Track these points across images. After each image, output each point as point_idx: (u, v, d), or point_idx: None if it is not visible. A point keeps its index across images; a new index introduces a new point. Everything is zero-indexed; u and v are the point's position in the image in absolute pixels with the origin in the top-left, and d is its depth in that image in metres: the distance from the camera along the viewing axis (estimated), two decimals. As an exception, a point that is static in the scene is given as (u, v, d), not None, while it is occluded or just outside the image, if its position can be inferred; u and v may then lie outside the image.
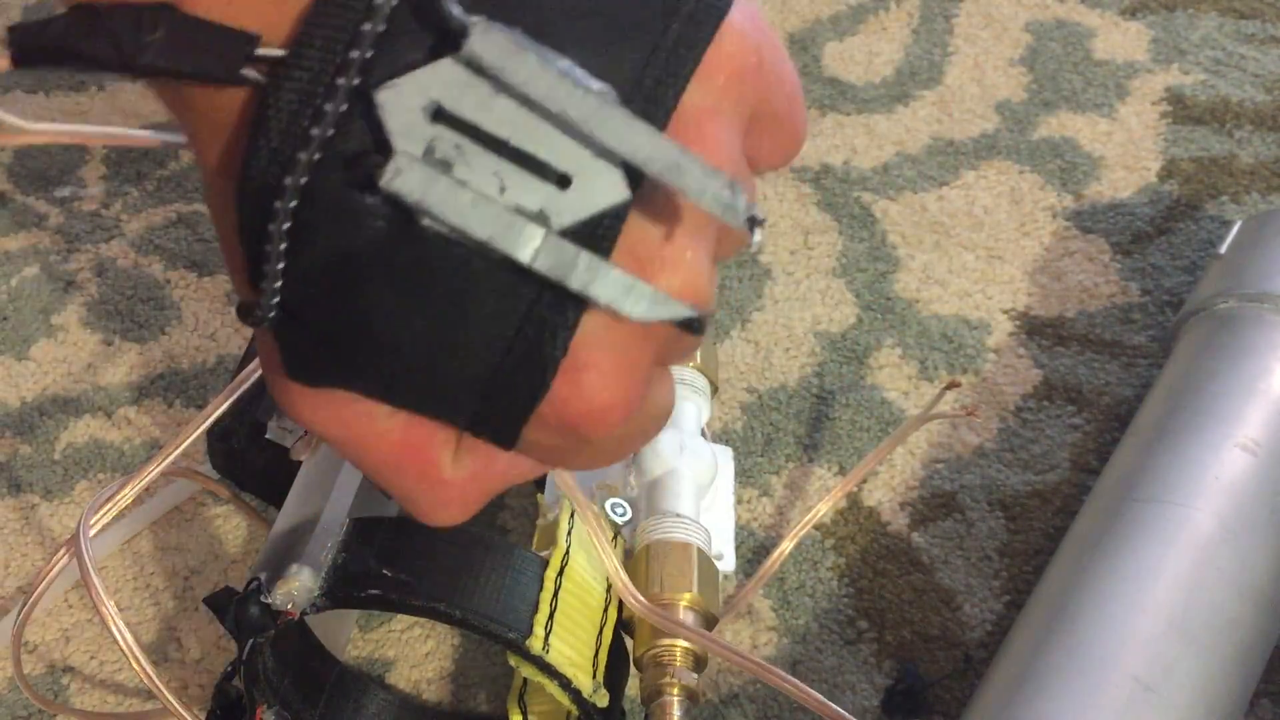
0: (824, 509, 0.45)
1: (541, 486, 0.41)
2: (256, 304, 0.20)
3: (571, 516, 0.38)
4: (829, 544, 0.48)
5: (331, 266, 0.19)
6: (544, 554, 0.36)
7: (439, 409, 0.21)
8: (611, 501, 0.41)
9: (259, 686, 0.36)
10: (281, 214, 0.19)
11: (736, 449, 0.50)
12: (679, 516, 0.39)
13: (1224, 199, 0.60)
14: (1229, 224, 0.52)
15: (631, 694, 0.40)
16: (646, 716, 0.36)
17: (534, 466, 0.23)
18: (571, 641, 0.35)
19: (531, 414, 0.21)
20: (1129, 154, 0.63)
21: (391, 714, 0.42)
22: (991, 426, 0.51)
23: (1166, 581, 0.38)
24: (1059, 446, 0.50)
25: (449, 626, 0.44)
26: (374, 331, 0.20)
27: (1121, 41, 0.69)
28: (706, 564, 0.39)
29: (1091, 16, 0.71)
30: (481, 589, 0.34)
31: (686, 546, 0.38)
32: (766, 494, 0.50)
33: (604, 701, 0.35)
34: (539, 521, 0.39)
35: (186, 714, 0.36)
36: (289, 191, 0.19)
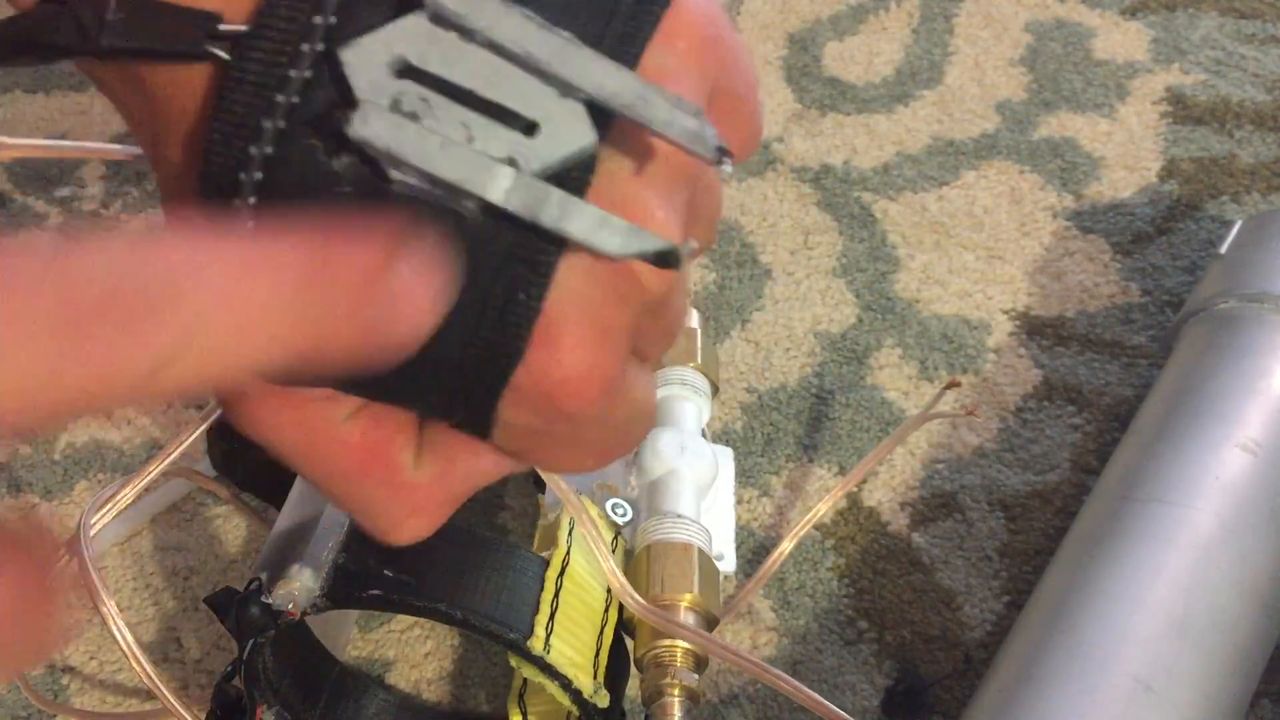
0: (824, 509, 0.45)
1: (542, 488, 0.41)
2: None
3: (572, 518, 0.38)
4: (829, 544, 0.48)
5: None
6: (545, 554, 0.36)
7: (410, 393, 0.21)
8: (612, 502, 0.41)
9: (259, 686, 0.36)
10: (247, 186, 0.18)
11: (736, 449, 0.50)
12: (680, 517, 0.39)
13: (1224, 199, 0.60)
14: (1229, 224, 0.52)
15: (632, 694, 0.40)
16: (647, 717, 0.36)
17: (500, 461, 0.23)
18: (572, 642, 0.35)
19: (506, 384, 0.20)
20: (1129, 154, 0.63)
21: (391, 714, 0.42)
22: (991, 426, 0.51)
23: (1167, 581, 0.38)
24: (1059, 447, 0.50)
25: (449, 627, 0.44)
26: None
27: (1122, 41, 0.69)
28: (707, 565, 0.39)
29: (1092, 16, 0.71)
30: (482, 589, 0.34)
31: (687, 547, 0.38)
32: (766, 494, 0.50)
33: (605, 702, 0.35)
34: (540, 522, 0.39)
35: (186, 714, 0.36)
36: (254, 162, 0.18)
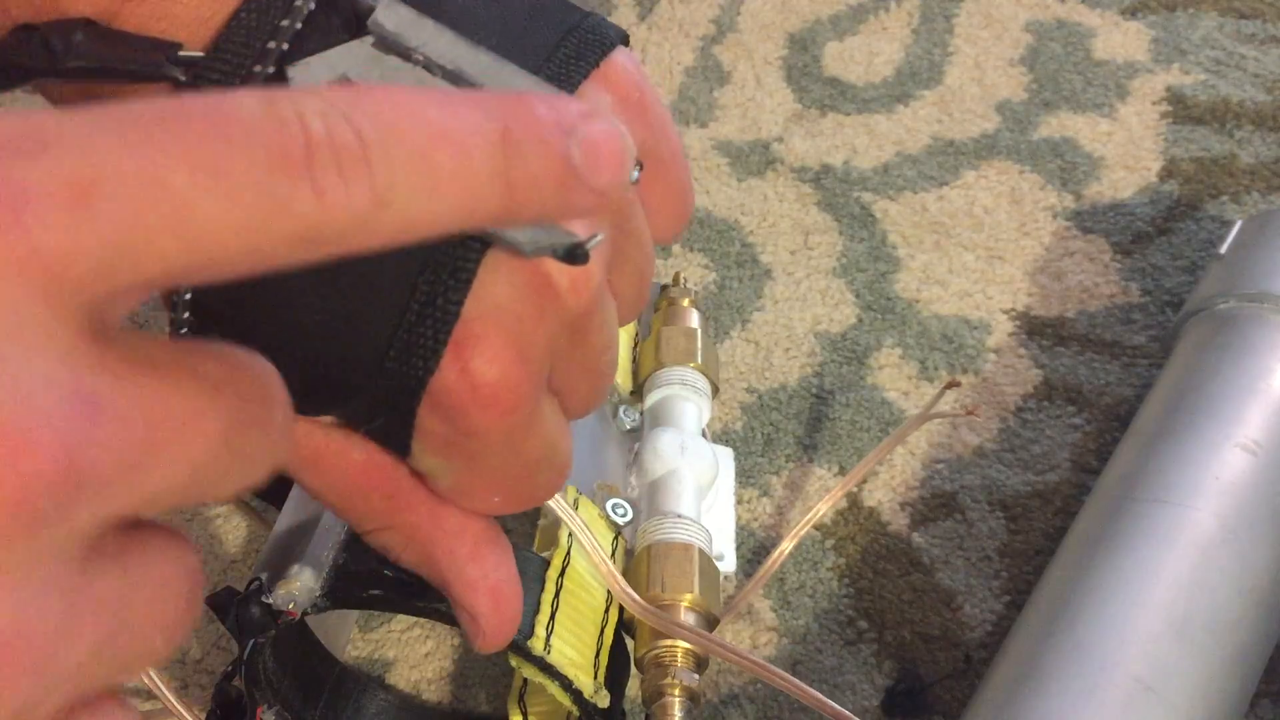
0: (824, 509, 0.45)
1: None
2: (171, 316, 0.21)
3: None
4: (829, 544, 0.48)
5: None
6: (545, 555, 0.36)
7: (338, 398, 0.21)
8: (612, 502, 0.41)
9: (259, 686, 0.36)
10: None
11: (736, 449, 0.50)
12: (680, 517, 0.39)
13: (1224, 199, 0.60)
14: (1229, 224, 0.52)
15: (632, 694, 0.40)
16: (647, 717, 0.36)
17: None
18: (573, 642, 0.35)
19: (424, 389, 0.20)
20: (1129, 154, 0.63)
21: (391, 714, 0.42)
22: (991, 426, 0.51)
23: (1167, 581, 0.38)
24: (1059, 446, 0.50)
25: (449, 627, 0.44)
26: (280, 315, 0.20)
27: (1122, 41, 0.69)
28: (708, 565, 0.39)
29: (1092, 16, 0.71)
30: (482, 589, 0.34)
31: (688, 547, 0.38)
32: (766, 494, 0.50)
33: (605, 702, 0.35)
34: (540, 522, 0.39)
35: (187, 714, 0.36)
36: None
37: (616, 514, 0.41)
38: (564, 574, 0.36)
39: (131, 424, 0.13)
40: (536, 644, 0.34)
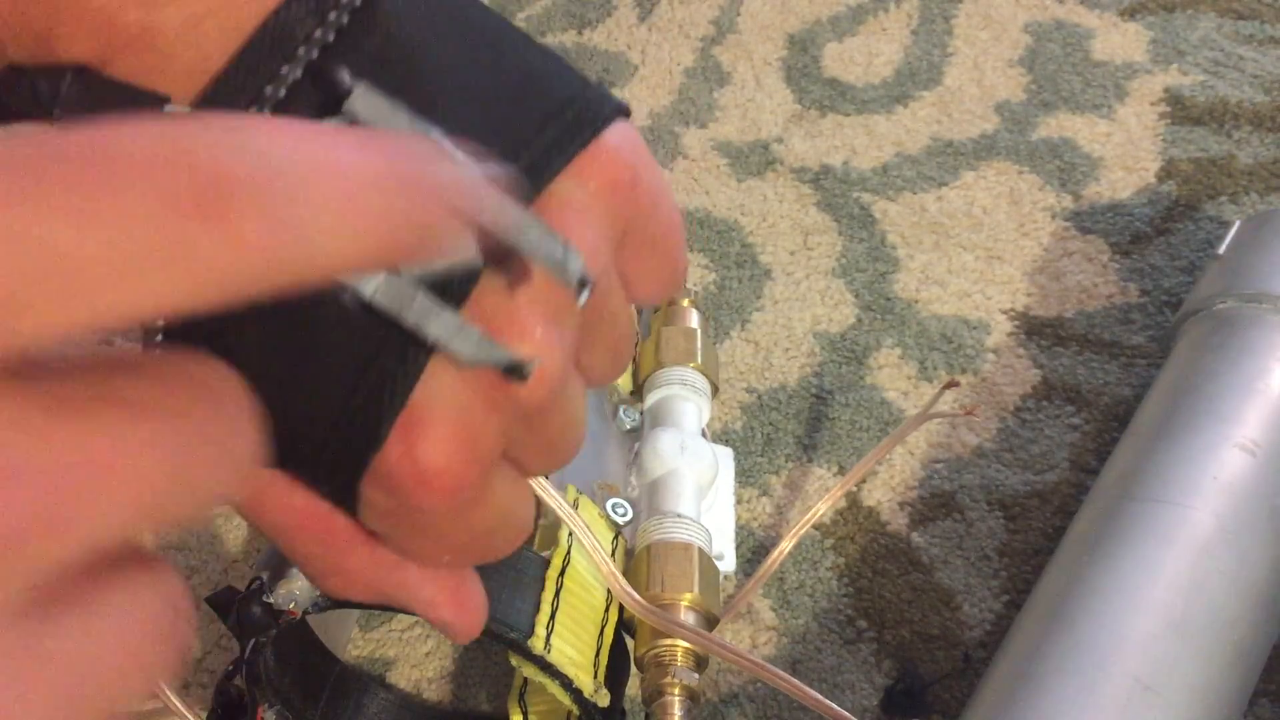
0: (823, 509, 0.45)
1: (542, 486, 0.41)
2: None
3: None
4: (828, 544, 0.48)
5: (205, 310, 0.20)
6: (545, 554, 0.36)
7: (289, 460, 0.21)
8: (613, 502, 0.41)
9: (260, 686, 0.36)
10: None
11: (736, 449, 0.50)
12: (680, 517, 0.40)
13: (1223, 199, 0.60)
14: (1227, 224, 0.52)
15: (632, 693, 0.40)
16: (647, 716, 0.37)
17: (432, 602, 0.24)
18: (573, 641, 0.35)
19: (366, 468, 0.21)
20: (1128, 154, 0.63)
21: (392, 713, 0.42)
22: (990, 426, 0.51)
23: (1165, 581, 0.38)
24: (1058, 446, 0.50)
25: (449, 626, 0.44)
26: (239, 363, 0.20)
27: (1120, 42, 0.70)
28: (708, 564, 0.39)
29: (1090, 17, 0.71)
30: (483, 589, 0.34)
31: (688, 547, 0.38)
32: (766, 494, 0.50)
33: (605, 701, 0.35)
34: (540, 522, 0.39)
35: (188, 713, 0.36)
36: None
37: (616, 514, 0.41)
38: (564, 573, 0.36)
39: (50, 478, 0.12)
40: (536, 643, 0.34)
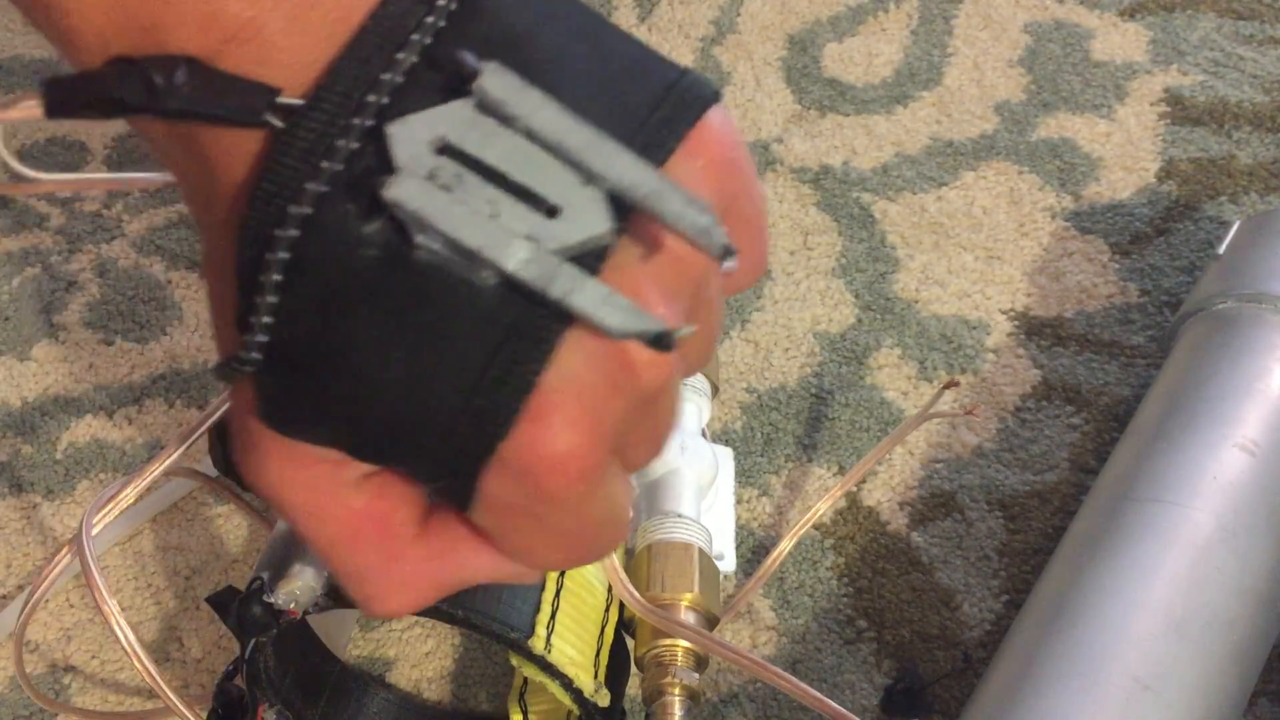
0: (823, 508, 0.45)
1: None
2: (237, 353, 0.20)
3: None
4: (828, 544, 0.48)
5: (322, 297, 0.20)
6: (545, 554, 0.36)
7: (405, 453, 0.21)
8: (612, 501, 0.41)
9: (260, 686, 0.36)
10: (281, 242, 0.19)
11: (736, 449, 0.50)
12: (680, 517, 0.40)
13: (1222, 199, 0.60)
14: (1227, 224, 0.52)
15: (633, 693, 0.40)
16: (648, 716, 0.37)
17: (498, 563, 0.24)
18: (573, 641, 0.35)
19: (493, 453, 0.21)
20: (1128, 155, 0.63)
21: (392, 713, 0.42)
22: (990, 426, 0.51)
23: (1165, 581, 0.38)
24: (1058, 446, 0.50)
25: (450, 626, 0.44)
26: (354, 365, 0.20)
27: (1120, 42, 0.70)
28: (708, 564, 0.39)
29: (1090, 18, 0.71)
30: (483, 588, 0.34)
31: (688, 547, 0.39)
32: (766, 494, 0.50)
33: (605, 701, 0.35)
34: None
35: (188, 713, 0.36)
36: (291, 219, 0.19)
37: (617, 513, 0.41)
38: (564, 573, 0.36)
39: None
40: (537, 643, 0.34)
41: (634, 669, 0.38)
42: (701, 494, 0.42)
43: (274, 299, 0.20)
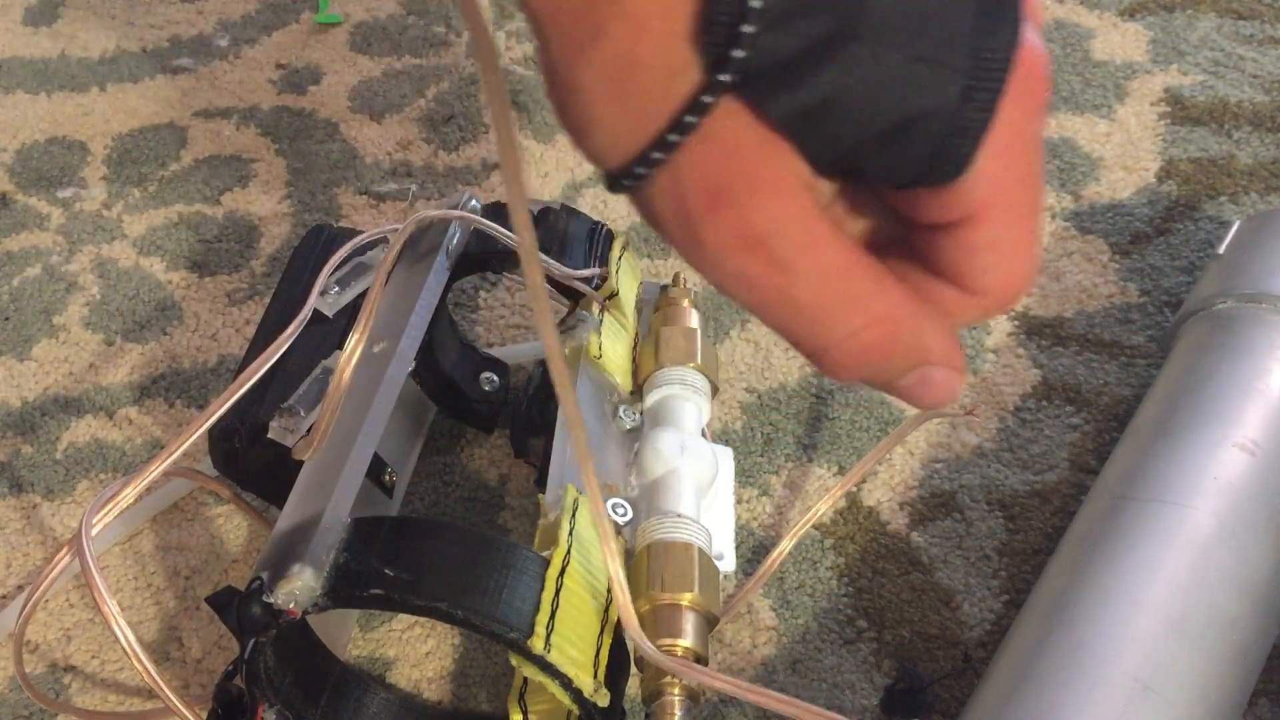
0: (823, 508, 0.45)
1: (543, 487, 0.41)
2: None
3: (573, 517, 0.38)
4: (828, 543, 0.48)
5: None
6: (545, 554, 0.36)
7: (900, 140, 0.21)
8: (612, 501, 0.41)
9: (260, 686, 0.36)
10: (749, 24, 0.19)
11: (736, 449, 0.50)
12: (680, 516, 0.40)
13: (1222, 199, 0.60)
14: (1227, 224, 0.52)
15: (632, 693, 0.40)
16: (647, 716, 0.37)
17: (958, 298, 0.24)
18: (573, 641, 0.35)
19: (1011, 61, 0.21)
20: (1128, 155, 0.63)
21: (392, 713, 0.42)
22: (990, 426, 0.51)
23: (1165, 581, 0.38)
24: (1058, 446, 0.50)
25: (450, 626, 0.44)
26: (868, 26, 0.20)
27: (1120, 42, 0.70)
28: (707, 564, 0.39)
29: (1090, 18, 0.71)
30: (483, 589, 0.34)
31: (688, 546, 0.38)
32: (766, 494, 0.50)
33: (605, 701, 0.35)
34: (540, 521, 0.39)
35: (188, 713, 0.36)
36: (753, 13, 0.19)
37: (616, 514, 0.41)
38: (564, 573, 0.36)
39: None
40: (536, 643, 0.34)
41: (634, 669, 0.38)
42: (701, 494, 0.42)
43: None
